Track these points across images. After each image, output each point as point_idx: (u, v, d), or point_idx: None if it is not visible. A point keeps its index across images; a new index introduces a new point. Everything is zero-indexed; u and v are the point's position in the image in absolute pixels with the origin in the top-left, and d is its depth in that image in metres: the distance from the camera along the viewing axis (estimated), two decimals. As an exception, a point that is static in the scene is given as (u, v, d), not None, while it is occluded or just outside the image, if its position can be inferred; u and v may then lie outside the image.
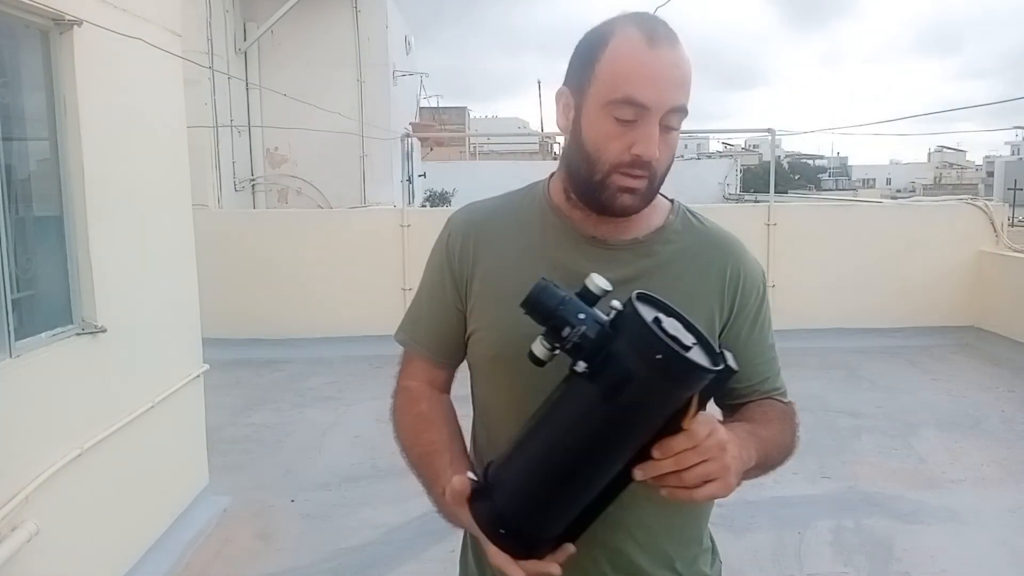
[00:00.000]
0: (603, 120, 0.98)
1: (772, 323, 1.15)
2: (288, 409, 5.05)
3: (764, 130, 7.46)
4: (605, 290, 0.87)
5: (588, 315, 0.84)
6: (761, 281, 1.13)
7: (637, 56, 0.96)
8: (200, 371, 3.50)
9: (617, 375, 0.80)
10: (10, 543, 2.07)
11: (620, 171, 0.98)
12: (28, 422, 2.24)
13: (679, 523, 1.09)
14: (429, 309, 1.16)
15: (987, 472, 3.95)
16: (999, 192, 24.81)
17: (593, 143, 0.99)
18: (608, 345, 0.82)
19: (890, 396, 5.23)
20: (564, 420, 0.87)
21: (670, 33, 0.98)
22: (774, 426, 1.07)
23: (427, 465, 1.07)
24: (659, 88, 0.95)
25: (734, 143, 32.88)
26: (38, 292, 2.46)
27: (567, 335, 0.83)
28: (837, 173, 64.21)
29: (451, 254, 1.13)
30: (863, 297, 6.61)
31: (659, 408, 0.83)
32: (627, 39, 0.97)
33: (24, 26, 2.38)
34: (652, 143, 0.96)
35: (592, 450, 0.85)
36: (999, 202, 8.03)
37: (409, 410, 1.14)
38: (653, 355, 0.78)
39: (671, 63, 0.96)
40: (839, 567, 3.05)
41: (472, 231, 1.13)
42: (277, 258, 6.52)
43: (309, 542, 3.29)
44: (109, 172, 2.69)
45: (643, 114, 0.96)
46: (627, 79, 0.95)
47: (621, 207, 1.00)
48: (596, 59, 0.99)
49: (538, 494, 0.88)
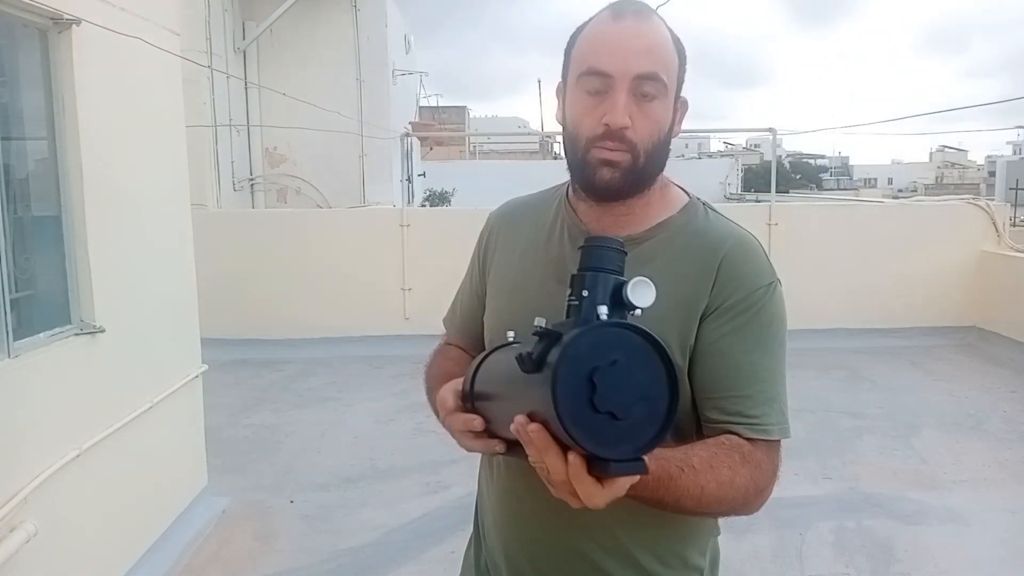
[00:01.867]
0: (578, 98, 1.00)
1: (774, 345, 1.02)
2: (287, 410, 5.04)
3: (765, 129, 7.45)
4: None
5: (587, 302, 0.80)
6: (762, 289, 1.02)
7: (601, 29, 1.00)
8: (199, 371, 3.49)
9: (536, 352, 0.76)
10: (9, 544, 2.06)
11: (596, 144, 0.99)
12: (26, 423, 2.23)
13: (652, 536, 1.04)
14: (462, 297, 1.27)
15: (988, 473, 3.94)
16: (1001, 192, 24.79)
17: (572, 122, 1.02)
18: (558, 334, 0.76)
19: (891, 396, 5.22)
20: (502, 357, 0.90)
21: (640, 8, 1.00)
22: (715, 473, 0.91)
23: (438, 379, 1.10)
24: (620, 55, 0.97)
25: (735, 142, 32.89)
26: (36, 292, 2.45)
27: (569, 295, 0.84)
28: (839, 173, 64.16)
29: (481, 245, 1.22)
30: (864, 297, 6.60)
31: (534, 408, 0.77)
32: (596, 20, 1.02)
33: (23, 25, 2.37)
34: (618, 109, 0.96)
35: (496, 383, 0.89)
36: (1001, 202, 8.01)
37: (440, 358, 1.23)
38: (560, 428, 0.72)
39: (633, 33, 0.98)
40: (840, 568, 3.04)
41: (498, 225, 1.21)
42: (276, 258, 6.51)
43: (308, 543, 3.28)
44: (108, 171, 2.68)
45: (609, 83, 0.97)
46: (591, 51, 0.99)
47: (601, 181, 1.00)
48: (573, 45, 1.03)
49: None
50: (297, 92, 7.86)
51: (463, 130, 22.62)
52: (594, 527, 1.03)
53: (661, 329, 0.94)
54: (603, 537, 1.04)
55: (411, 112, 12.19)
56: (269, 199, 8.75)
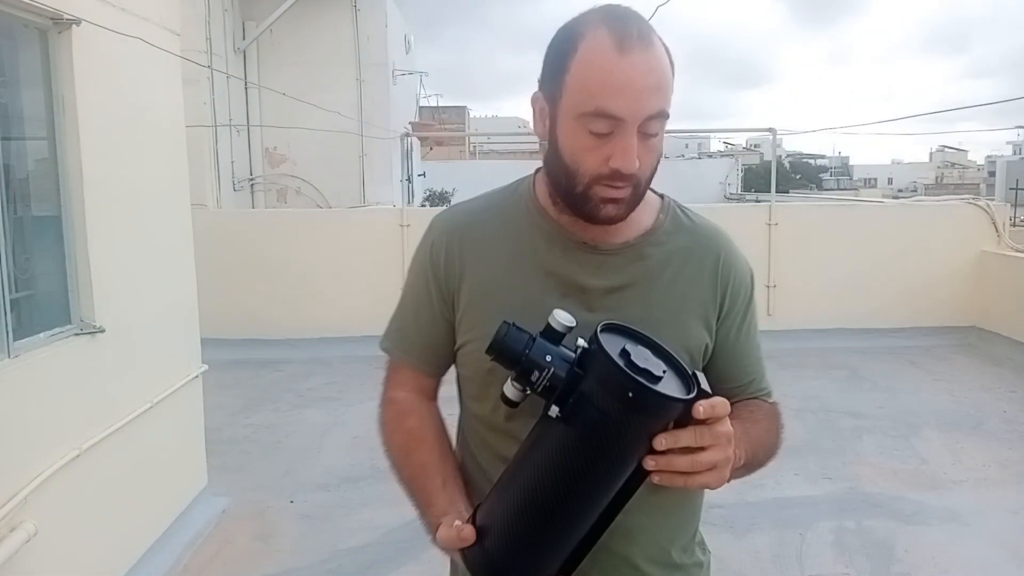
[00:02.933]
0: (578, 133, 0.94)
1: (759, 322, 1.14)
2: (287, 410, 5.04)
3: (765, 129, 7.45)
4: (569, 327, 0.86)
5: (555, 356, 0.84)
6: (750, 280, 1.12)
7: (607, 65, 0.90)
8: (199, 371, 3.49)
9: (591, 417, 0.80)
10: (9, 544, 2.06)
11: (601, 183, 0.94)
12: (26, 423, 2.23)
13: (675, 522, 1.10)
14: (415, 317, 1.11)
15: (989, 473, 3.94)
16: (1001, 192, 24.80)
17: (570, 156, 0.95)
18: (579, 385, 0.82)
19: (891, 396, 5.22)
20: (544, 463, 0.86)
21: (643, 31, 0.92)
22: (761, 426, 1.06)
23: (419, 488, 1.04)
24: (633, 98, 0.90)
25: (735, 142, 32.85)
26: (36, 292, 2.45)
27: (536, 379, 0.83)
28: (839, 173, 64.19)
29: (436, 261, 1.08)
30: (864, 297, 6.59)
31: (636, 441, 0.83)
32: (596, 45, 0.91)
33: (23, 25, 2.37)
34: (631, 156, 0.92)
35: (574, 490, 0.85)
36: (1001, 202, 8.01)
37: (399, 425, 1.11)
38: (625, 393, 0.78)
39: (645, 69, 0.91)
40: (840, 568, 3.04)
41: (456, 236, 1.08)
42: (276, 258, 6.51)
43: (308, 543, 3.28)
44: (107, 171, 2.68)
45: (618, 126, 0.91)
46: (598, 91, 0.91)
47: (606, 217, 0.98)
48: (566, 67, 0.94)
49: (527, 537, 0.88)
50: (297, 92, 7.86)
51: (463, 130, 22.62)
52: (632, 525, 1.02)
53: (683, 327, 1.04)
54: (639, 533, 1.04)
55: (411, 112, 12.19)
56: (269, 199, 8.75)
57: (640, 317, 0.98)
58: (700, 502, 1.15)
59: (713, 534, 3.54)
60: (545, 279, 1.03)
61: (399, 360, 1.14)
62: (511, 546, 0.88)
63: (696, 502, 1.14)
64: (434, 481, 1.03)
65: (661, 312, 1.02)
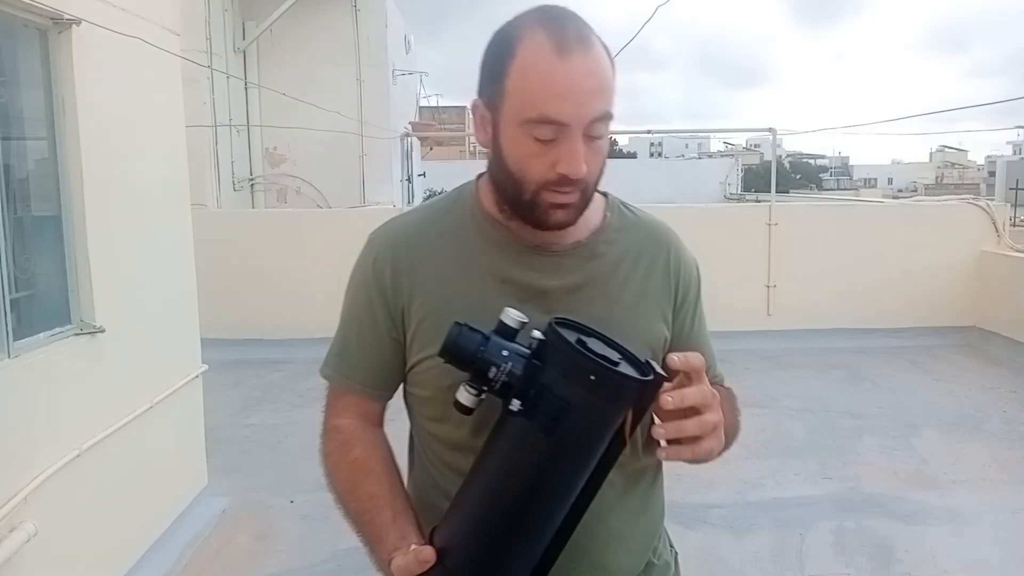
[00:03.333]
0: (521, 140, 0.91)
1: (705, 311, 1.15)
2: (287, 410, 5.04)
3: (765, 129, 7.45)
4: (522, 322, 0.85)
5: (511, 351, 0.83)
6: (697, 271, 1.12)
7: (547, 70, 0.88)
8: (199, 371, 3.49)
9: (554, 406, 0.79)
10: (9, 544, 2.06)
11: (548, 189, 0.92)
12: (26, 423, 2.22)
13: (644, 524, 1.10)
14: (358, 339, 1.06)
15: (989, 473, 3.94)
16: (1001, 192, 24.82)
17: (515, 163, 0.93)
18: (538, 377, 0.80)
19: (891, 396, 5.22)
20: (506, 463, 0.84)
21: (582, 32, 0.90)
22: (727, 407, 1.05)
23: (368, 523, 1.00)
24: (576, 103, 0.88)
25: (735, 142, 32.86)
26: (36, 292, 2.45)
27: (494, 376, 0.82)
28: (839, 173, 64.23)
29: (380, 278, 1.03)
30: (864, 297, 6.59)
31: (600, 430, 0.82)
32: (534, 49, 0.89)
33: (23, 25, 2.37)
34: (578, 161, 0.90)
35: (542, 489, 0.83)
36: (1001, 202, 8.01)
37: (343, 456, 1.06)
38: (587, 377, 0.77)
39: (585, 72, 0.88)
40: (840, 568, 3.04)
41: (402, 250, 1.03)
42: (276, 258, 6.52)
43: (308, 543, 3.28)
44: (107, 171, 2.68)
45: (562, 131, 0.89)
46: (541, 97, 0.88)
47: (556, 224, 0.96)
48: (505, 72, 0.91)
49: (492, 547, 0.84)
50: (297, 92, 7.86)
51: (463, 130, 22.61)
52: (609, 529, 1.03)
53: (644, 322, 1.04)
54: (614, 537, 1.04)
55: (411, 112, 12.19)
56: (269, 199, 8.75)
57: (602, 316, 0.97)
58: (662, 501, 1.15)
59: (713, 534, 3.55)
60: (501, 286, 1.00)
61: (341, 386, 1.09)
62: (476, 559, 0.84)
63: (659, 501, 1.14)
64: (384, 515, 0.98)
65: (621, 309, 1.02)
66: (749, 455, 4.10)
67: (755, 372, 5.78)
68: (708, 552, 3.10)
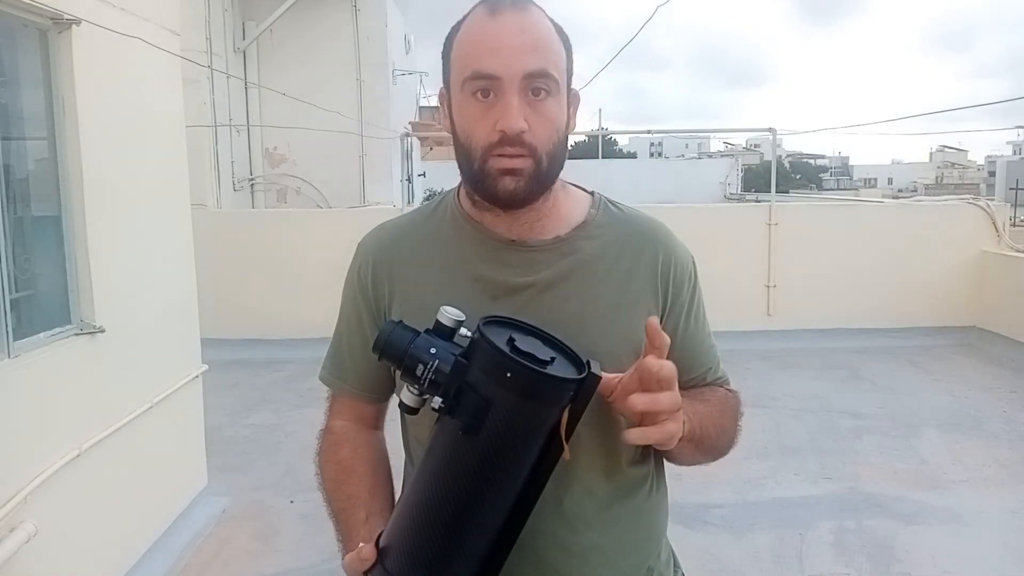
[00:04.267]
0: (464, 104, 0.93)
1: (706, 310, 1.10)
2: (287, 410, 5.04)
3: (765, 129, 7.45)
4: (458, 321, 0.83)
5: (440, 349, 0.81)
6: (692, 267, 1.07)
7: (479, 28, 0.92)
8: (199, 371, 3.49)
9: (473, 404, 0.77)
10: (8, 544, 2.06)
11: (494, 153, 0.92)
12: (26, 423, 2.23)
13: (635, 540, 1.03)
14: (350, 344, 1.09)
15: (989, 473, 3.94)
16: (1001, 192, 24.82)
17: (463, 131, 0.94)
18: (464, 376, 0.79)
19: (891, 396, 5.22)
20: (436, 465, 0.83)
21: (519, 1, 0.93)
22: (712, 406, 1.02)
23: (344, 522, 1.00)
24: (505, 54, 0.89)
25: (735, 142, 32.88)
26: (36, 292, 2.45)
27: (422, 374, 0.80)
28: (839, 173, 64.26)
29: (363, 283, 1.06)
30: (864, 297, 6.60)
31: (527, 431, 0.79)
32: (472, 18, 0.94)
33: (23, 25, 2.37)
34: (511, 112, 0.89)
35: (472, 492, 0.80)
36: (1001, 202, 8.01)
37: (331, 456, 1.08)
38: (503, 374, 0.76)
39: (516, 28, 0.91)
40: (840, 568, 3.04)
41: (383, 255, 1.06)
42: (276, 258, 6.51)
43: (308, 543, 3.28)
44: (108, 172, 2.68)
45: (497, 85, 0.90)
46: (472, 53, 0.92)
47: (504, 191, 0.93)
48: (451, 47, 0.96)
49: (427, 549, 0.82)
50: (297, 92, 7.85)
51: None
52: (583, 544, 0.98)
53: (626, 320, 0.99)
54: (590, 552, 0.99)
55: (411, 112, 12.19)
56: (269, 199, 8.75)
57: (575, 314, 0.96)
58: (662, 516, 1.09)
59: (713, 534, 3.55)
60: (474, 285, 0.99)
61: (336, 389, 1.13)
62: (412, 561, 0.83)
63: (657, 516, 1.07)
64: (358, 515, 0.99)
65: (601, 306, 0.99)
66: (749, 455, 4.10)
67: (755, 372, 5.78)
68: (708, 552, 3.10)
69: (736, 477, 3.77)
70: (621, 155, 41.90)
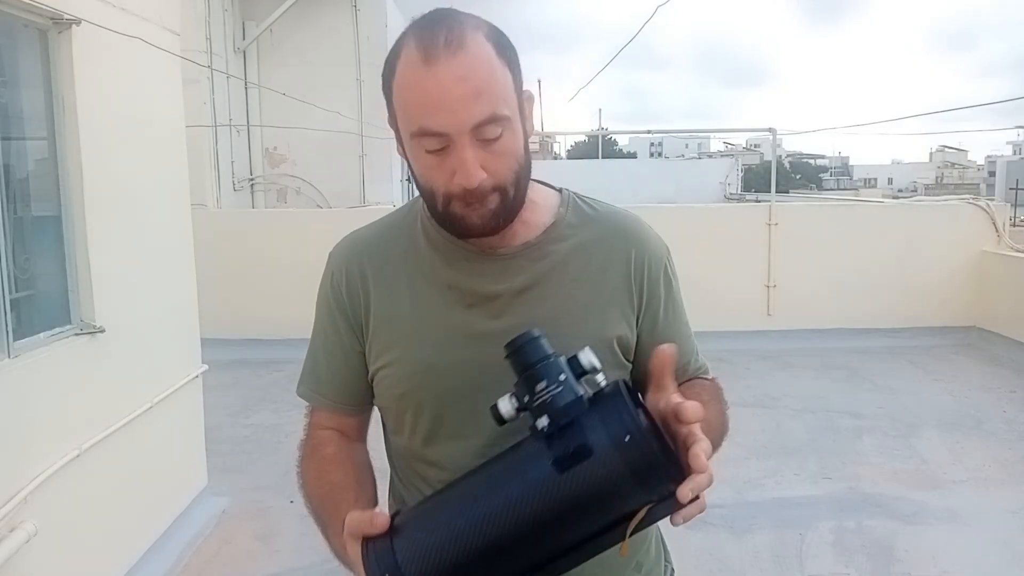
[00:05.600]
0: (418, 154, 0.89)
1: (683, 300, 1.08)
2: (287, 410, 5.03)
3: (765, 129, 7.45)
4: (594, 367, 0.80)
5: (568, 380, 0.79)
6: (666, 260, 1.05)
7: (417, 81, 0.85)
8: (199, 371, 3.49)
9: (576, 443, 0.75)
10: (9, 544, 2.06)
11: (455, 201, 0.89)
12: (26, 423, 2.23)
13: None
14: (327, 356, 1.06)
15: (989, 473, 3.94)
16: (1001, 192, 24.82)
17: (421, 176, 0.91)
18: (579, 414, 0.77)
19: (891, 396, 5.22)
20: (498, 485, 0.79)
21: (453, 37, 0.84)
22: (712, 408, 0.99)
23: (328, 502, 0.94)
24: (450, 110, 0.84)
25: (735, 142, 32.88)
26: (36, 292, 2.45)
27: (540, 390, 0.77)
28: (839, 173, 64.28)
29: (338, 293, 1.04)
30: (864, 297, 6.60)
31: (608, 497, 0.77)
32: (407, 62, 0.86)
33: (23, 25, 2.37)
34: (468, 169, 0.85)
35: (522, 528, 0.77)
36: (1001, 202, 8.01)
37: (314, 455, 1.04)
38: (623, 435, 0.74)
39: (456, 77, 0.83)
40: (840, 568, 3.04)
41: (356, 264, 1.04)
42: (276, 258, 6.51)
43: (308, 543, 3.27)
44: (107, 171, 2.68)
45: (447, 140, 0.85)
46: (415, 112, 0.86)
47: (478, 228, 0.91)
48: (391, 88, 0.90)
49: (446, 558, 0.77)
50: (297, 92, 7.85)
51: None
52: None
53: (596, 318, 0.98)
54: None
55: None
56: (269, 199, 8.75)
57: (550, 315, 0.94)
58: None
59: (713, 534, 3.55)
60: (447, 293, 0.98)
61: (316, 404, 1.09)
62: (424, 555, 0.78)
63: None
64: (346, 496, 0.94)
65: (572, 307, 0.97)
66: (749, 455, 4.10)
67: (755, 372, 5.78)
68: (708, 552, 3.10)
69: (736, 477, 3.77)
70: (621, 155, 41.92)
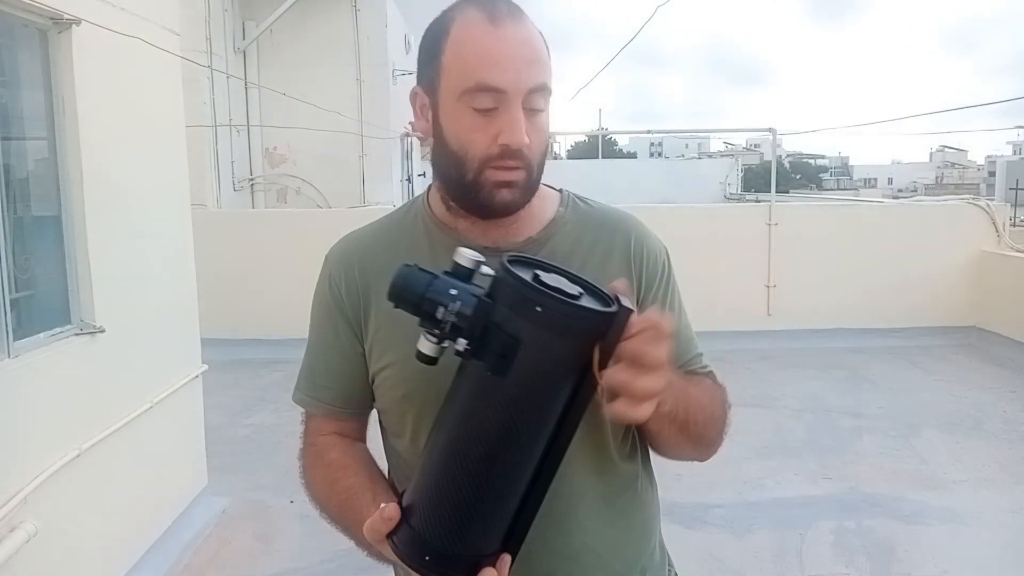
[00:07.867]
0: (462, 114, 0.90)
1: (682, 298, 1.07)
2: (287, 410, 5.01)
3: (765, 129, 7.45)
4: (478, 261, 0.79)
5: (462, 290, 0.76)
6: (664, 257, 1.06)
7: (482, 38, 0.88)
8: (199, 371, 3.49)
9: (501, 342, 0.73)
10: (9, 544, 2.06)
11: (491, 165, 0.90)
12: (26, 423, 2.23)
13: (629, 540, 1.02)
14: (325, 359, 1.05)
15: (988, 473, 3.94)
16: (1001, 192, 24.81)
17: (457, 140, 0.91)
18: (489, 316, 0.75)
19: (891, 396, 5.22)
20: (462, 411, 0.78)
21: (513, 8, 0.90)
22: (703, 389, 0.98)
23: (349, 511, 0.95)
24: (512, 68, 0.87)
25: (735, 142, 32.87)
26: (36, 292, 2.45)
27: (442, 316, 0.75)
28: (839, 173, 64.29)
29: (336, 294, 1.03)
30: (864, 297, 6.60)
31: (559, 367, 0.76)
32: (468, 23, 0.90)
33: (23, 25, 2.37)
34: (518, 129, 0.88)
35: (503, 434, 0.76)
36: (1001, 202, 8.02)
37: (318, 462, 1.03)
38: (533, 309, 0.72)
39: (520, 40, 0.89)
40: (840, 568, 3.04)
41: (355, 265, 1.03)
42: (276, 258, 6.51)
43: (308, 543, 3.28)
44: (108, 171, 2.68)
45: (502, 99, 0.88)
46: (476, 64, 0.88)
47: (502, 204, 0.92)
48: (441, 50, 0.91)
49: (457, 505, 0.78)
50: (297, 92, 7.85)
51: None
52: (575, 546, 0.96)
53: None
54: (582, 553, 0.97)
55: (411, 112, 12.16)
56: (269, 199, 8.75)
57: None
58: (654, 513, 1.08)
59: (713, 534, 3.55)
60: None
61: (314, 409, 1.07)
62: (439, 517, 0.79)
63: (649, 514, 1.06)
64: (364, 499, 0.94)
65: None
66: (749, 455, 4.10)
67: (755, 372, 5.78)
68: (708, 552, 3.10)
69: (736, 477, 3.77)
70: (621, 155, 41.92)
